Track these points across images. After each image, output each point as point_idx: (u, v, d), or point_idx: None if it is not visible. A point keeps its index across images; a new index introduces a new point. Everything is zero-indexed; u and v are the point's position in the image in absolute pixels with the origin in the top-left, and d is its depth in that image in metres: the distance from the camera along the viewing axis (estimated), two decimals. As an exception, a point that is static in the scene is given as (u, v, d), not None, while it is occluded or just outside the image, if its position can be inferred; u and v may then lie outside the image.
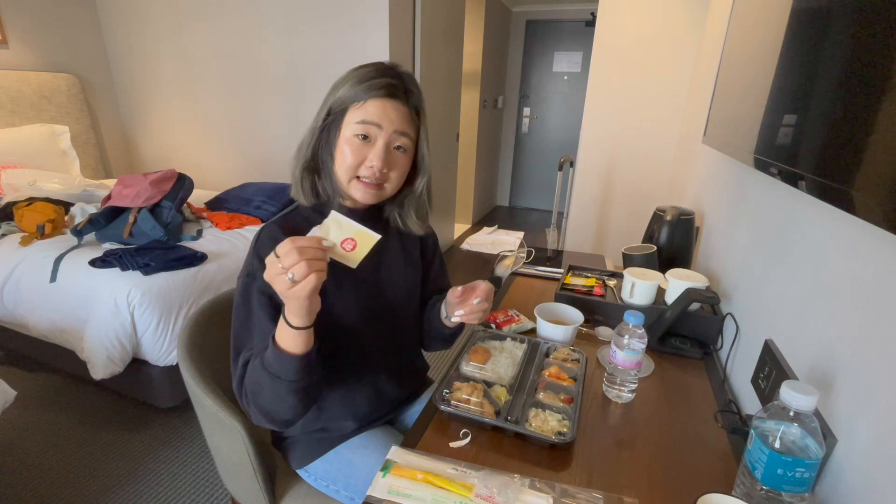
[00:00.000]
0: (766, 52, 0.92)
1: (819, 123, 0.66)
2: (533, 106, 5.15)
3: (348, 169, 0.77)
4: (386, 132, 0.76)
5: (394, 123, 0.76)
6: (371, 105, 0.75)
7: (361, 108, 0.76)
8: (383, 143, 0.76)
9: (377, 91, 0.75)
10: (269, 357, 0.68)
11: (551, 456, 0.75)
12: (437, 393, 0.84)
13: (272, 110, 2.89)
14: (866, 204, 0.51)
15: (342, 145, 0.77)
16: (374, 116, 0.75)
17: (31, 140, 2.49)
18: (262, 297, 0.75)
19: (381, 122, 0.76)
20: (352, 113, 0.76)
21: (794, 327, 0.80)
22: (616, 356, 0.87)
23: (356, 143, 0.76)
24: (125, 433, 1.70)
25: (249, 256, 0.79)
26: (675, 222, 1.44)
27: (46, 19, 2.74)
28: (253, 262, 0.77)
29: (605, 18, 2.51)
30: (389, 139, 0.77)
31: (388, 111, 0.76)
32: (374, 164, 0.76)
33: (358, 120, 0.76)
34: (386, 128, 0.76)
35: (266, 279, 0.62)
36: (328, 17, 2.57)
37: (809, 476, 0.57)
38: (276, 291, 0.62)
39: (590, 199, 2.83)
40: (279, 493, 0.92)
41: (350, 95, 0.76)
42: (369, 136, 0.76)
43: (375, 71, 0.77)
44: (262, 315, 0.74)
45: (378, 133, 0.76)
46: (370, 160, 0.76)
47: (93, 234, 1.83)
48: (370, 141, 0.77)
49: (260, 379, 0.69)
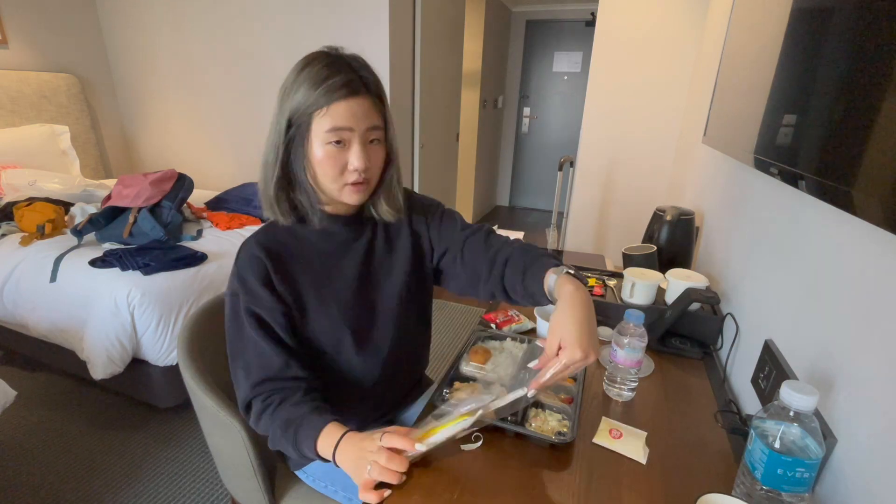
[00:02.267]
0: (766, 51, 0.92)
1: (819, 123, 0.66)
2: (533, 106, 5.15)
3: (332, 178, 0.75)
4: (358, 132, 0.73)
5: (363, 121, 0.73)
6: (336, 109, 0.71)
7: (326, 114, 0.71)
8: (359, 143, 0.74)
9: (337, 93, 0.70)
10: (303, 446, 0.71)
11: (551, 456, 0.75)
12: (437, 393, 0.84)
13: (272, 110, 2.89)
14: (866, 204, 0.51)
15: (318, 157, 0.74)
16: (342, 121, 0.71)
17: (31, 140, 2.49)
18: (249, 317, 0.77)
19: (351, 124, 0.72)
20: (317, 122, 0.72)
21: (794, 327, 0.80)
22: (616, 355, 0.88)
23: (332, 151, 0.73)
24: (125, 433, 1.70)
25: (232, 275, 0.79)
26: (675, 222, 1.44)
27: (46, 19, 2.74)
28: (234, 283, 0.78)
29: (605, 18, 2.51)
30: (363, 137, 0.74)
31: (355, 111, 0.72)
32: (358, 166, 0.74)
33: (327, 128, 0.71)
34: (357, 128, 0.73)
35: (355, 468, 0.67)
36: (328, 17, 2.57)
37: (809, 476, 0.57)
38: (354, 478, 0.68)
39: (590, 198, 2.83)
40: (279, 493, 0.92)
41: (309, 102, 0.71)
42: (343, 141, 0.73)
43: (326, 69, 0.71)
44: (252, 333, 0.77)
45: (351, 135, 0.73)
46: (351, 163, 0.74)
47: (93, 234, 1.83)
48: (344, 145, 0.73)
49: (280, 440, 0.74)
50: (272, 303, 0.77)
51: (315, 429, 0.70)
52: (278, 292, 0.78)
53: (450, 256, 0.90)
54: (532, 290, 0.77)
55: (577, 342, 0.63)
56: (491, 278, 0.83)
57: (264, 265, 0.78)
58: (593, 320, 0.67)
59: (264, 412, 0.75)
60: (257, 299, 0.77)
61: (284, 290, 0.79)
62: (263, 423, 0.76)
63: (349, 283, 0.84)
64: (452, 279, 0.92)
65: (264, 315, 0.77)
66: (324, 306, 0.82)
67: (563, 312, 0.66)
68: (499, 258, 0.83)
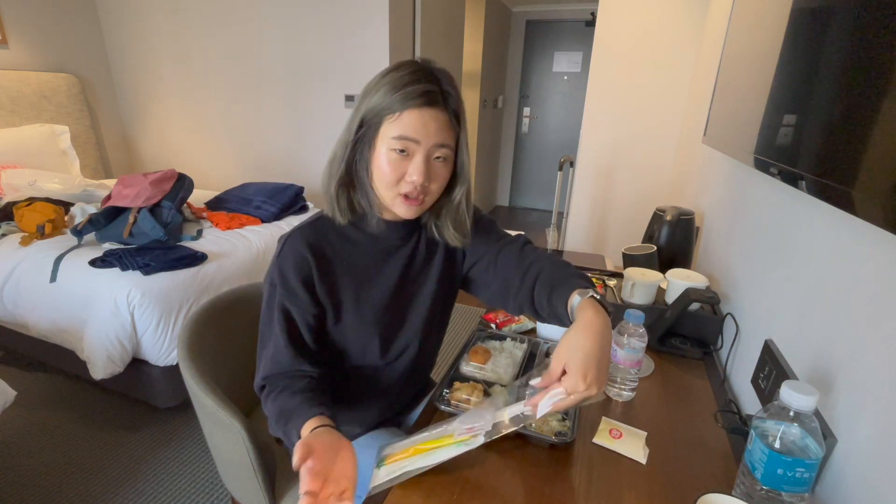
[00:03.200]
0: (765, 51, 0.92)
1: (819, 123, 0.66)
2: (533, 106, 5.15)
3: (388, 185, 0.73)
4: (424, 146, 0.70)
5: (433, 136, 0.70)
6: (408, 117, 0.69)
7: (398, 120, 0.69)
8: (422, 157, 0.71)
9: (414, 101, 0.68)
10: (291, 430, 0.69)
11: (551, 456, 0.75)
12: (437, 393, 0.84)
13: (272, 110, 2.89)
14: (866, 204, 0.51)
15: (379, 160, 0.72)
16: (411, 131, 0.69)
17: (31, 140, 2.49)
18: (280, 313, 0.76)
19: (419, 136, 0.70)
20: (387, 126, 0.70)
21: (794, 327, 0.80)
22: (616, 355, 0.88)
23: (394, 158, 0.71)
24: (125, 433, 1.70)
25: (273, 264, 0.78)
26: (675, 222, 1.44)
27: (46, 19, 2.74)
28: (273, 274, 0.77)
29: (605, 18, 2.51)
30: (429, 152, 0.71)
31: (427, 123, 0.70)
32: (415, 180, 0.71)
33: (395, 135, 0.70)
34: (424, 142, 0.70)
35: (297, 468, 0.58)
36: (328, 17, 2.57)
37: (809, 476, 0.57)
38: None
39: (590, 198, 2.83)
40: (279, 493, 0.92)
41: (384, 105, 0.70)
42: (407, 150, 0.71)
43: (410, 75, 0.70)
44: (277, 328, 0.77)
45: (416, 148, 0.70)
46: (410, 174, 0.71)
47: (93, 234, 1.82)
48: (408, 155, 0.71)
49: (276, 427, 0.74)
50: (308, 303, 0.77)
51: (302, 418, 0.69)
52: (317, 293, 0.77)
53: (482, 265, 0.87)
54: (557, 309, 0.74)
55: (582, 371, 0.60)
56: (521, 292, 0.80)
57: (308, 264, 0.76)
58: (606, 352, 0.63)
59: (268, 398, 0.76)
60: (293, 296, 0.76)
61: (323, 292, 0.78)
62: (267, 408, 0.77)
63: (387, 289, 0.83)
64: (483, 288, 0.89)
65: (295, 314, 0.77)
66: (359, 311, 0.81)
67: (574, 335, 0.63)
68: (531, 271, 0.80)
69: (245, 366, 1.07)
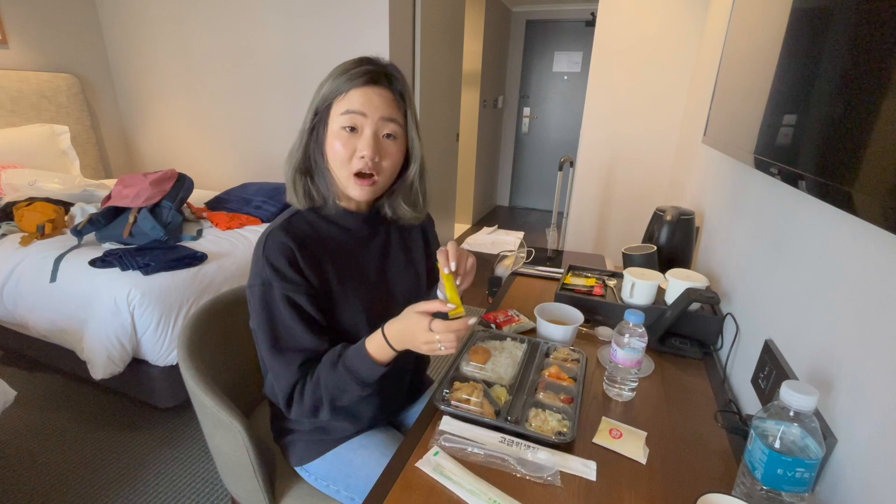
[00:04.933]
0: (765, 51, 0.92)
1: (819, 123, 0.66)
2: (533, 106, 5.15)
3: (342, 164, 0.77)
4: (372, 119, 0.76)
5: (379, 110, 0.76)
6: (354, 94, 0.75)
7: (345, 99, 0.75)
8: (371, 131, 0.76)
9: (358, 80, 0.75)
10: (359, 367, 0.75)
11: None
12: (437, 393, 0.84)
13: (272, 110, 2.89)
14: (866, 204, 0.51)
15: (331, 140, 0.77)
16: (357, 105, 0.75)
17: (31, 140, 2.49)
18: (286, 304, 0.77)
19: (366, 109, 0.75)
20: (336, 106, 0.76)
21: (794, 327, 0.80)
22: (616, 354, 0.88)
23: (344, 136, 0.76)
24: (125, 433, 1.70)
25: (259, 264, 0.78)
26: (675, 222, 1.44)
27: (46, 19, 2.74)
28: (263, 272, 0.77)
29: (605, 18, 2.51)
30: (377, 127, 0.76)
31: (372, 98, 0.75)
32: (365, 153, 0.75)
33: (342, 111, 0.75)
34: (371, 115, 0.75)
35: (418, 343, 0.72)
36: (328, 17, 2.57)
37: (809, 476, 0.57)
38: (420, 350, 0.73)
39: (590, 198, 2.83)
40: (279, 493, 0.92)
41: (333, 89, 0.76)
42: (356, 127, 0.76)
43: (356, 62, 0.77)
44: (289, 320, 0.77)
45: (364, 122, 0.76)
46: (360, 150, 0.76)
47: (93, 234, 1.82)
48: (358, 132, 0.76)
49: (342, 384, 0.76)
50: (303, 283, 0.78)
51: (360, 345, 0.76)
52: (305, 275, 0.79)
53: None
54: None
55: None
56: None
57: (291, 249, 0.78)
58: None
59: (306, 387, 0.77)
60: (290, 283, 0.77)
61: (311, 275, 0.79)
62: (308, 397, 0.77)
63: (368, 280, 0.86)
64: None
65: (300, 300, 0.77)
66: (347, 300, 0.83)
67: None
68: None
69: (245, 366, 1.07)
